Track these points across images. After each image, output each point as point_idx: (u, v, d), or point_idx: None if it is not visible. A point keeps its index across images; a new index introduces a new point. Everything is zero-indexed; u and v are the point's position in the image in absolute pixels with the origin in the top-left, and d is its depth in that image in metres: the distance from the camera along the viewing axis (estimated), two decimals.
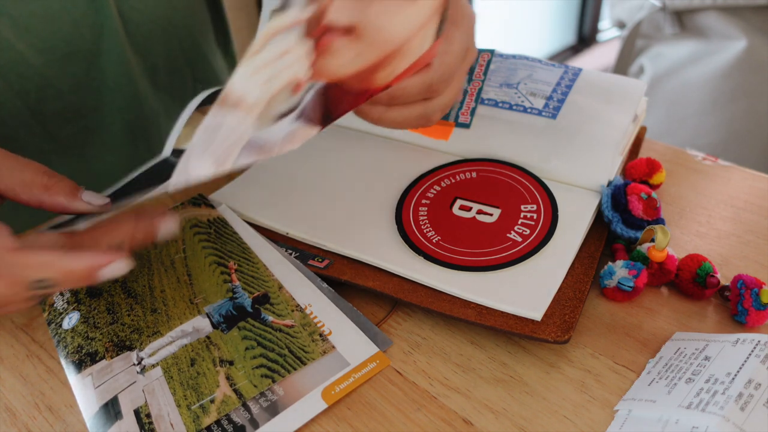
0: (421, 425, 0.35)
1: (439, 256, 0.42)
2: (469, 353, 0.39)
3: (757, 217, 0.48)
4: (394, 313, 0.42)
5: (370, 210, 0.47)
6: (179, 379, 0.37)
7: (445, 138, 0.51)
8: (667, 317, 0.40)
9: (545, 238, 0.43)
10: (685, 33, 1.08)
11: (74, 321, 0.42)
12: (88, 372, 0.38)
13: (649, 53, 1.13)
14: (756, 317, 0.39)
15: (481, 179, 0.48)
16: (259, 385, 0.36)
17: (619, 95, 0.51)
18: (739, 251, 0.45)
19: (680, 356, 0.36)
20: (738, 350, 0.35)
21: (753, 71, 1.00)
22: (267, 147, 0.34)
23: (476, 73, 0.53)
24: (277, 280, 0.42)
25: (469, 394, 0.37)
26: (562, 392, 0.36)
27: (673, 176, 0.53)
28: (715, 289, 0.41)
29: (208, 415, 0.35)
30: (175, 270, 0.44)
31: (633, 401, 0.35)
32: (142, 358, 0.39)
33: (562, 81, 0.53)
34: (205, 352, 0.38)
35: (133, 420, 0.35)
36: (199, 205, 0.49)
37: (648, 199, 0.44)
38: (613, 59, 1.20)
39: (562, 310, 0.39)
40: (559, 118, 0.50)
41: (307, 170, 0.52)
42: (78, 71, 0.53)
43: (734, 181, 0.52)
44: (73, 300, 0.43)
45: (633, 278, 0.40)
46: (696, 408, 0.32)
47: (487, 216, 0.45)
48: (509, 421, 0.35)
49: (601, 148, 0.47)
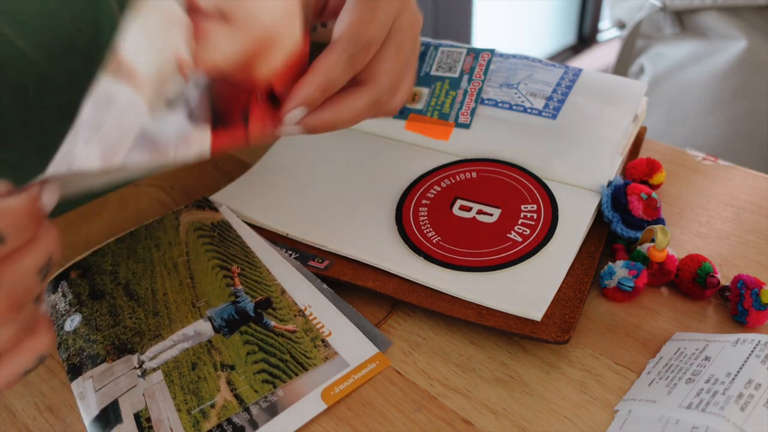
0: (421, 425, 0.35)
1: (439, 256, 0.42)
2: (469, 353, 0.39)
3: (758, 217, 0.48)
4: (393, 314, 0.42)
5: (370, 210, 0.47)
6: (180, 383, 0.37)
7: (445, 138, 0.51)
8: (668, 317, 0.40)
9: (545, 238, 0.43)
10: (686, 33, 1.08)
11: (76, 323, 0.42)
12: (89, 375, 0.38)
13: (649, 53, 1.13)
14: (756, 317, 0.38)
15: (481, 179, 0.48)
16: (260, 390, 0.36)
17: (619, 96, 0.51)
18: (739, 251, 0.45)
19: (680, 356, 0.36)
20: (738, 350, 0.35)
21: (753, 71, 1.00)
22: (161, 145, 0.32)
23: (476, 73, 0.53)
24: (280, 285, 0.42)
25: (469, 394, 0.37)
26: (562, 392, 0.36)
27: (674, 176, 0.53)
28: (715, 290, 0.41)
29: (209, 420, 0.35)
30: (177, 273, 0.44)
31: (633, 401, 0.35)
32: (143, 362, 0.39)
33: (563, 81, 0.53)
34: (206, 357, 0.38)
35: (133, 424, 0.35)
36: (203, 208, 0.50)
37: (648, 199, 0.44)
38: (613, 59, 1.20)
39: (562, 310, 0.39)
40: (559, 118, 0.50)
41: (306, 170, 0.52)
42: (76, 67, 0.53)
43: (734, 181, 0.52)
44: (75, 302, 0.43)
45: (633, 278, 0.40)
46: (696, 408, 0.32)
47: (487, 216, 0.45)
48: (509, 421, 0.35)
49: (601, 149, 0.47)
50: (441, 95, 0.53)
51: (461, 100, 0.52)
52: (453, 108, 0.52)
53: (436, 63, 0.54)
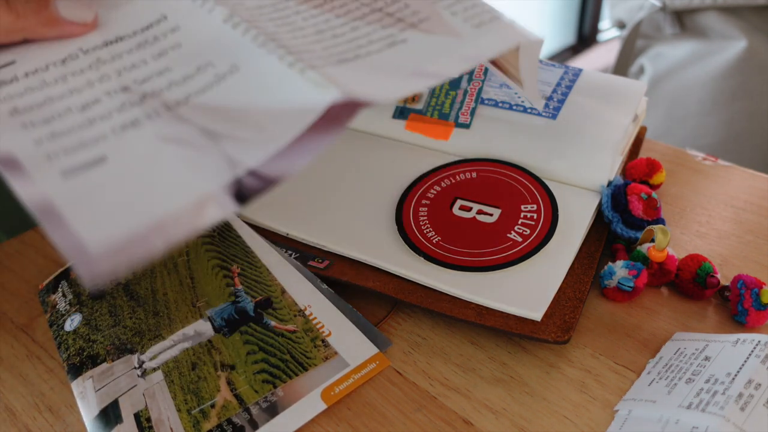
0: (421, 425, 0.35)
1: (439, 256, 0.42)
2: (469, 353, 0.39)
3: (757, 217, 0.48)
4: (394, 314, 0.42)
5: (370, 210, 0.47)
6: (180, 383, 0.37)
7: (445, 138, 0.51)
8: (667, 317, 0.40)
9: (545, 238, 0.43)
10: (685, 33, 1.08)
11: (76, 323, 0.42)
12: (89, 375, 0.38)
13: (649, 53, 1.13)
14: (756, 317, 0.39)
15: (481, 179, 0.48)
16: (260, 390, 0.36)
17: (619, 96, 0.51)
18: (739, 251, 0.45)
19: (680, 356, 0.36)
20: (738, 350, 0.35)
21: (753, 71, 1.00)
22: None
23: (476, 73, 0.53)
24: (280, 285, 0.42)
25: (469, 394, 0.37)
26: (562, 392, 0.36)
27: (673, 176, 0.53)
28: (715, 289, 0.41)
29: (209, 419, 0.35)
30: (177, 273, 0.44)
31: (633, 401, 0.35)
32: (143, 362, 0.39)
33: (563, 81, 0.53)
34: (206, 357, 0.38)
35: (133, 424, 0.35)
36: None
37: (648, 199, 0.44)
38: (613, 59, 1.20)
39: (562, 310, 0.39)
40: (559, 118, 0.50)
41: (307, 170, 0.52)
42: None
43: (734, 181, 0.52)
44: (75, 302, 0.43)
45: (633, 278, 0.40)
46: (696, 408, 0.32)
47: (487, 216, 0.45)
48: (509, 421, 0.35)
49: (601, 149, 0.47)
50: (441, 95, 0.53)
51: (461, 100, 0.52)
52: (453, 108, 0.52)
53: None
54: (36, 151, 0.26)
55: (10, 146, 0.26)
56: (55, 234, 0.24)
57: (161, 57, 0.30)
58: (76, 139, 0.27)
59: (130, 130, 0.27)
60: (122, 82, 0.29)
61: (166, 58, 0.30)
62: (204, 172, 0.25)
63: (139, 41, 0.31)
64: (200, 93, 0.29)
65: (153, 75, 0.29)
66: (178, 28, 0.31)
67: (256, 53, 0.29)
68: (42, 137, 0.27)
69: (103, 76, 0.29)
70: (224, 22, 0.31)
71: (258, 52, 0.29)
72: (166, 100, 0.28)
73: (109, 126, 0.27)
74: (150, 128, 0.27)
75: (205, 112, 0.28)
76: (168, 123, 0.27)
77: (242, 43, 0.30)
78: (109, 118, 0.28)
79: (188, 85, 0.29)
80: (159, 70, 0.29)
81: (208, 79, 0.29)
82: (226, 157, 0.26)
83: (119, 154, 0.26)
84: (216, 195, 0.25)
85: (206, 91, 0.28)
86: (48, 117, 0.28)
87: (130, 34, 0.31)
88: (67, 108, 0.28)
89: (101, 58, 0.30)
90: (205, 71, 0.29)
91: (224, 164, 0.26)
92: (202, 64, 0.29)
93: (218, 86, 0.29)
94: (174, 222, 0.24)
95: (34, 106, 0.28)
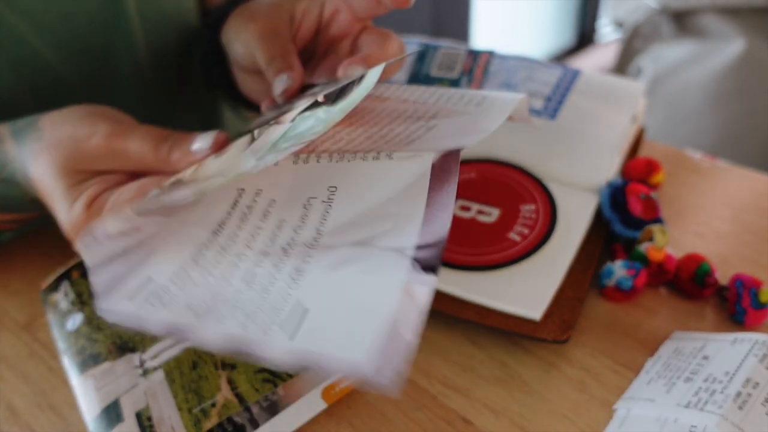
0: (420, 424, 0.35)
1: None
2: (469, 353, 0.39)
3: (756, 218, 0.48)
4: None
5: None
6: (181, 382, 0.37)
7: None
8: (666, 317, 0.41)
9: (544, 237, 0.43)
10: (684, 34, 1.08)
11: (78, 322, 0.42)
12: (91, 374, 0.38)
13: (648, 54, 1.13)
14: (754, 317, 0.39)
15: (481, 179, 0.48)
16: (261, 389, 0.36)
17: (618, 96, 0.51)
18: (737, 251, 0.45)
19: (679, 355, 0.37)
20: (736, 349, 0.35)
21: (751, 72, 1.01)
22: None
23: (476, 74, 0.54)
24: None
25: (469, 393, 0.37)
26: (561, 391, 0.37)
27: (672, 176, 0.53)
28: (713, 289, 0.41)
29: (209, 419, 0.35)
30: None
31: (632, 400, 0.35)
32: (144, 361, 0.39)
33: (562, 82, 0.53)
34: (207, 356, 0.39)
35: (135, 423, 0.35)
36: None
37: (647, 199, 0.44)
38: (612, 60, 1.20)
39: (561, 309, 0.39)
40: (559, 118, 0.50)
41: None
42: (90, 68, 0.53)
43: (733, 182, 0.52)
44: (77, 301, 0.43)
45: (632, 278, 0.41)
46: (694, 407, 0.32)
47: (487, 216, 0.45)
48: (509, 420, 0.35)
49: (600, 149, 0.47)
50: None
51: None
52: None
53: (436, 64, 0.54)
54: (249, 331, 0.27)
55: (233, 330, 0.28)
56: (329, 371, 0.27)
57: (267, 217, 0.31)
58: (269, 309, 0.28)
59: (299, 278, 0.28)
60: (258, 250, 0.30)
61: (273, 215, 0.31)
62: (385, 270, 0.27)
63: (239, 216, 0.32)
64: (323, 222, 0.30)
65: (275, 231, 0.31)
66: (260, 191, 0.32)
67: (340, 167, 0.31)
68: (243, 320, 0.28)
69: (238, 255, 0.30)
70: (294, 163, 0.32)
71: (340, 165, 0.31)
72: (304, 241, 0.29)
73: (283, 284, 0.28)
74: (314, 267, 0.28)
75: (341, 232, 0.29)
76: (322, 255, 0.29)
77: (324, 167, 0.32)
78: (276, 280, 0.29)
79: (309, 222, 0.30)
80: (276, 225, 0.31)
81: (320, 208, 0.30)
82: (391, 250, 0.27)
83: (310, 298, 0.27)
84: (411, 279, 0.26)
85: (327, 219, 0.30)
86: (230, 303, 0.29)
87: (225, 216, 0.32)
88: (237, 291, 0.29)
89: (222, 245, 0.31)
90: (311, 205, 0.31)
91: (395, 256, 0.27)
92: (304, 201, 0.31)
93: (332, 209, 0.30)
94: (402, 317, 0.26)
95: (209, 300, 0.29)
